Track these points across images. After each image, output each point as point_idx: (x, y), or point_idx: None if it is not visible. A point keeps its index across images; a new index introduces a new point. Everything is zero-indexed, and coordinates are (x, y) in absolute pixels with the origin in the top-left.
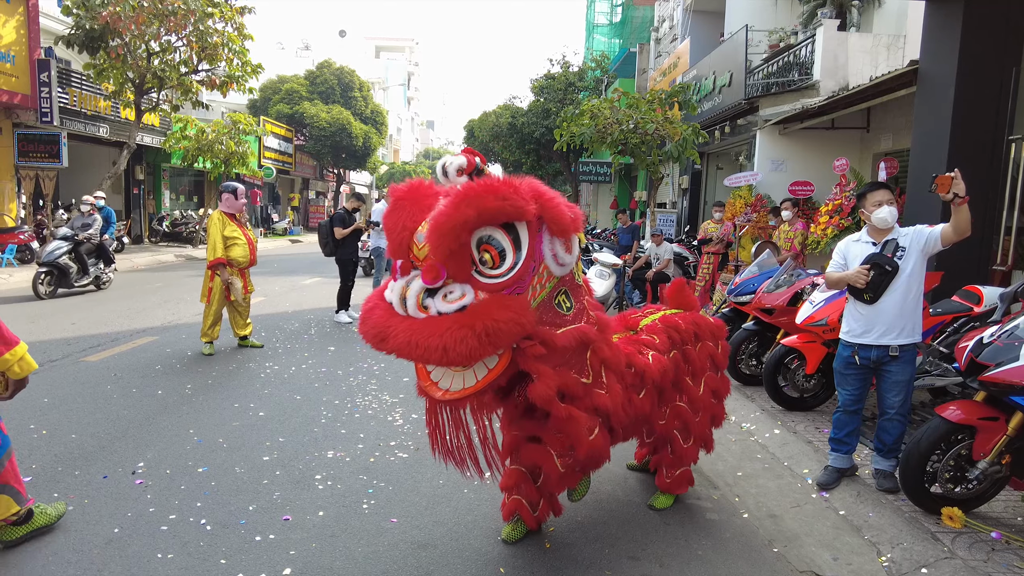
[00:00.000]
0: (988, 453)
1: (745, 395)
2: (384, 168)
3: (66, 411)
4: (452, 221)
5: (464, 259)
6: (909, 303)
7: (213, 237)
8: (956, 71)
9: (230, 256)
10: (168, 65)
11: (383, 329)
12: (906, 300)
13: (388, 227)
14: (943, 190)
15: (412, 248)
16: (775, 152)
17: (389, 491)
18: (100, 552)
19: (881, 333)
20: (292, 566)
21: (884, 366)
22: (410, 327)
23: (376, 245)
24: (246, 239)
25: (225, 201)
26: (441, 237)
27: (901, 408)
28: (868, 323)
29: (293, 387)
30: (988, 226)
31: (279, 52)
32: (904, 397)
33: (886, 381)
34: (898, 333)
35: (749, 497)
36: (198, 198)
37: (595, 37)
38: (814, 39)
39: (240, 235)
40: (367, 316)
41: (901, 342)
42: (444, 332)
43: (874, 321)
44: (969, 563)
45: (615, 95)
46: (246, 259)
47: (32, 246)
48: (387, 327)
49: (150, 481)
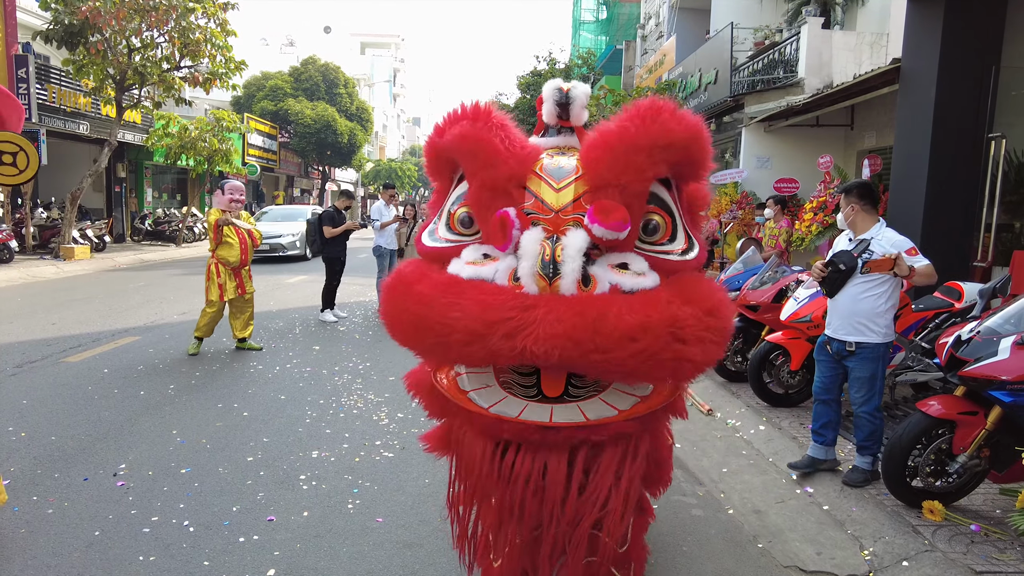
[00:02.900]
0: (968, 447)
1: (730, 391)
2: (370, 165)
3: (46, 413)
4: (647, 137)
5: (641, 208)
6: (865, 303)
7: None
8: (937, 69)
9: (219, 256)
10: (150, 61)
11: (512, 313)
12: (860, 299)
13: (486, 146)
14: (882, 269)
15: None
16: (760, 149)
17: (374, 491)
18: (80, 555)
19: (836, 327)
20: (276, 567)
21: (845, 360)
22: (587, 303)
23: (377, 244)
24: (239, 239)
25: (216, 196)
26: (630, 153)
27: (865, 406)
28: (830, 315)
29: (277, 387)
30: (968, 223)
31: (263, 48)
32: (866, 395)
33: (850, 376)
34: (850, 330)
35: (734, 493)
36: (181, 196)
37: (581, 34)
38: (799, 37)
39: (232, 234)
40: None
41: (855, 339)
42: (666, 303)
43: (832, 314)
44: (949, 555)
45: (602, 92)
46: (236, 260)
47: (10, 245)
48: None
49: (132, 483)
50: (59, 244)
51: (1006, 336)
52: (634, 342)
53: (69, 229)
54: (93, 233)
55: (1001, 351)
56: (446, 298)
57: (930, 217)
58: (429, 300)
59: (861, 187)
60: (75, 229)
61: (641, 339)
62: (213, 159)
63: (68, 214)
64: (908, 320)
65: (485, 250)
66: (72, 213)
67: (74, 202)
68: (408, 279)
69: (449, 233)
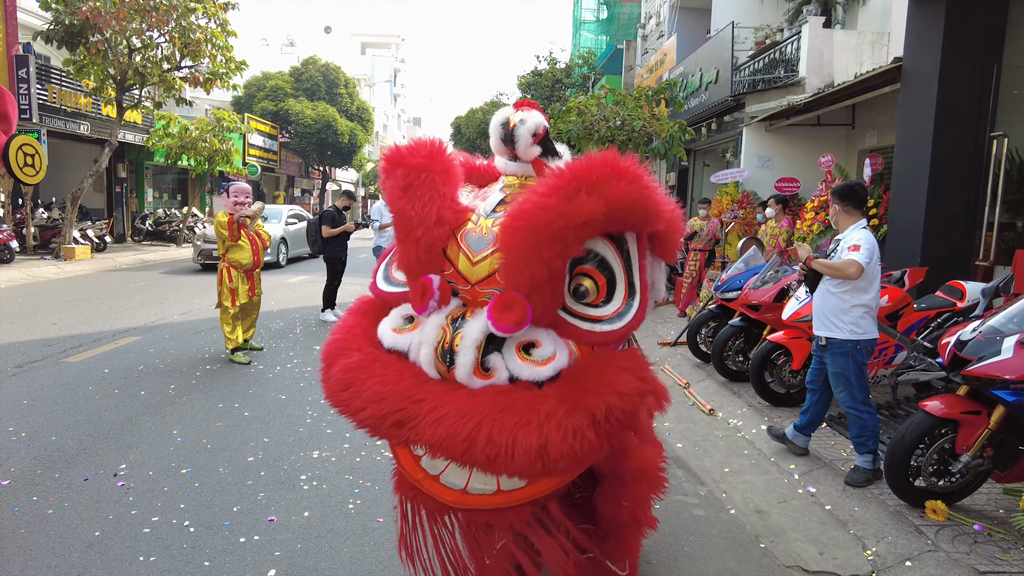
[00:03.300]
0: (971, 447)
1: (732, 391)
2: (370, 166)
3: (46, 413)
4: (561, 219)
5: (557, 287)
6: (830, 300)
7: (221, 235)
8: (939, 68)
9: (231, 259)
10: (150, 61)
11: (402, 405)
12: (827, 296)
13: (404, 217)
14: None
15: (451, 257)
16: (761, 149)
17: (375, 491)
18: (81, 556)
19: (814, 322)
20: (277, 567)
21: (821, 355)
22: (469, 407)
23: (377, 244)
24: (249, 241)
25: (222, 199)
26: (537, 246)
27: (846, 401)
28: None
29: (278, 387)
30: (970, 222)
31: (264, 48)
32: (843, 391)
33: (828, 372)
34: (819, 325)
35: (736, 493)
36: (182, 196)
37: (582, 34)
38: (800, 36)
39: (243, 236)
40: (348, 377)
41: (824, 334)
42: (542, 420)
43: (813, 309)
44: (952, 555)
45: (602, 92)
46: (249, 262)
47: (11, 245)
48: (412, 401)
49: (132, 483)
50: (60, 244)
51: (1009, 335)
52: (498, 463)
53: (70, 229)
54: (94, 233)
55: (1004, 350)
56: (351, 388)
57: (932, 216)
58: (340, 386)
59: (842, 189)
60: (76, 229)
61: (505, 463)
62: (214, 159)
63: (69, 214)
64: (910, 319)
65: (411, 311)
66: (73, 213)
67: (75, 202)
68: (331, 353)
69: (397, 275)
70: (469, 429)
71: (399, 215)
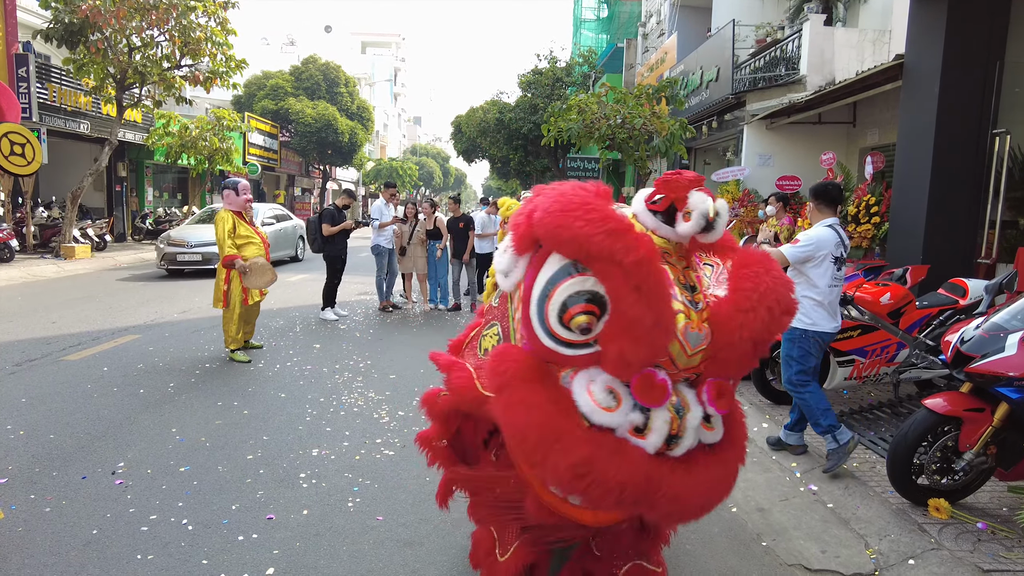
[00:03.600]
0: (974, 444)
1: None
2: (371, 165)
3: (44, 411)
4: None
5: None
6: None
7: (220, 236)
8: (941, 66)
9: (244, 256)
10: (150, 60)
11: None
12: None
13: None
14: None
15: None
16: (762, 147)
17: (375, 489)
18: (78, 554)
19: None
20: (275, 566)
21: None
22: (717, 477)
23: (376, 243)
24: (260, 238)
25: (227, 198)
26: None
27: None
28: None
29: (278, 385)
30: (972, 220)
31: (264, 47)
32: (788, 373)
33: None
34: None
35: (737, 491)
36: (182, 195)
37: (582, 32)
38: (800, 34)
39: (252, 233)
40: (583, 470)
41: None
42: (732, 474)
43: None
44: (956, 554)
45: (603, 90)
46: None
47: (11, 244)
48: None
49: (130, 481)
50: (60, 243)
51: (1013, 332)
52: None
53: (70, 228)
54: (94, 232)
55: (1008, 347)
56: (588, 478)
57: (934, 214)
58: (574, 475)
59: (817, 188)
60: (76, 228)
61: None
62: (214, 158)
63: (69, 213)
64: (912, 317)
65: (610, 382)
66: (73, 212)
67: (75, 201)
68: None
69: (562, 330)
70: (701, 503)
71: (626, 316)
